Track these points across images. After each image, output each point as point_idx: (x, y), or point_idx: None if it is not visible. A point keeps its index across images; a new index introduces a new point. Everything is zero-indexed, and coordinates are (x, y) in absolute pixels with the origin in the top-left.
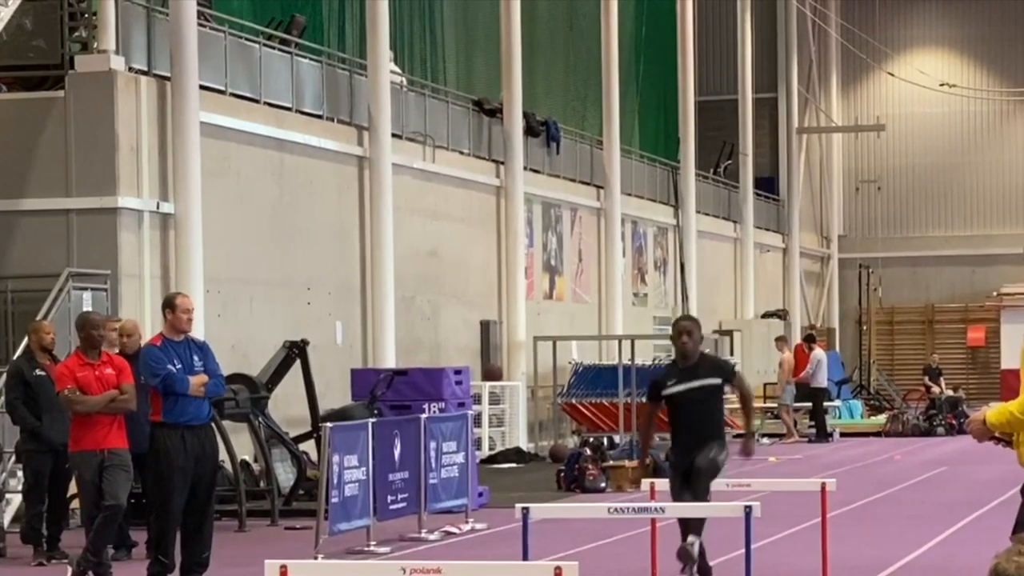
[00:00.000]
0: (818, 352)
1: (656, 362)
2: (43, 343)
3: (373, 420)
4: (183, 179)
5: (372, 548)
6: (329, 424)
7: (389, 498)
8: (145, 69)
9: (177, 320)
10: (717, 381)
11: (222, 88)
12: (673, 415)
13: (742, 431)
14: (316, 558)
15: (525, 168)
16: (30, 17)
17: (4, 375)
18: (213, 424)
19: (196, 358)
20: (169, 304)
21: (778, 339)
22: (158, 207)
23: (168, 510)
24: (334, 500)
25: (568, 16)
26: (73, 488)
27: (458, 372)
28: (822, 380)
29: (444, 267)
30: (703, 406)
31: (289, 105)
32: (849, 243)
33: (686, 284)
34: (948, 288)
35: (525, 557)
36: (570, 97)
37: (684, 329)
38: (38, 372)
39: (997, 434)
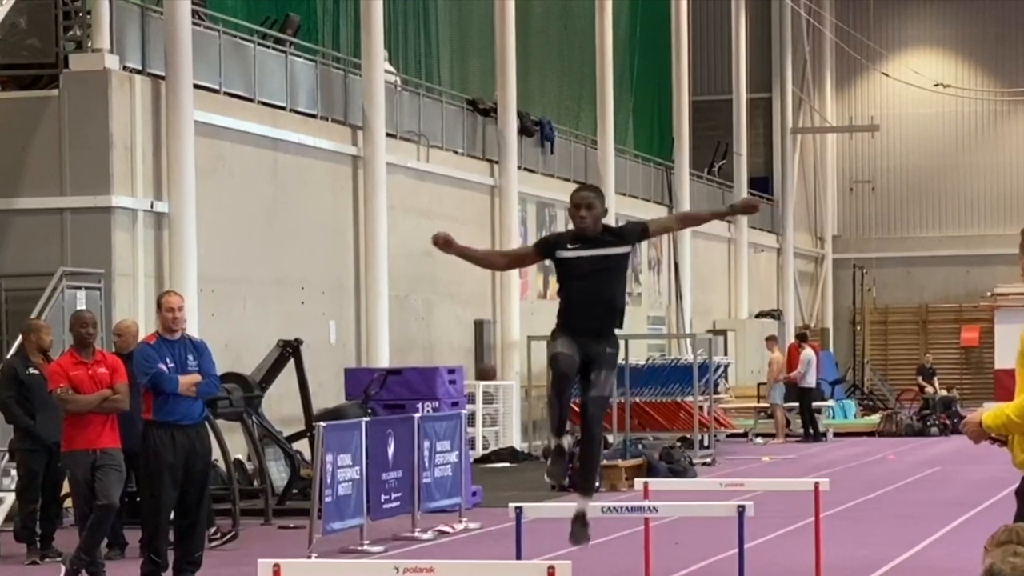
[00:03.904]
0: (808, 352)
1: (650, 361)
2: (42, 344)
3: (367, 419)
4: (177, 178)
5: (366, 547)
6: (323, 423)
7: (383, 497)
8: (139, 68)
9: (163, 318)
10: (625, 249)
11: (216, 87)
12: (564, 289)
13: (736, 431)
14: (310, 557)
15: (519, 168)
16: (24, 16)
17: None
18: (207, 423)
19: (191, 357)
20: (157, 303)
21: (768, 338)
22: (152, 206)
23: (158, 508)
24: (327, 499)
25: (563, 16)
26: (66, 487)
27: (452, 371)
28: (811, 380)
29: (438, 266)
30: (602, 281)
31: (283, 104)
32: (843, 243)
33: (680, 284)
34: (942, 288)
35: (518, 556)
36: (564, 97)
37: (584, 201)
38: (31, 371)
39: (993, 434)
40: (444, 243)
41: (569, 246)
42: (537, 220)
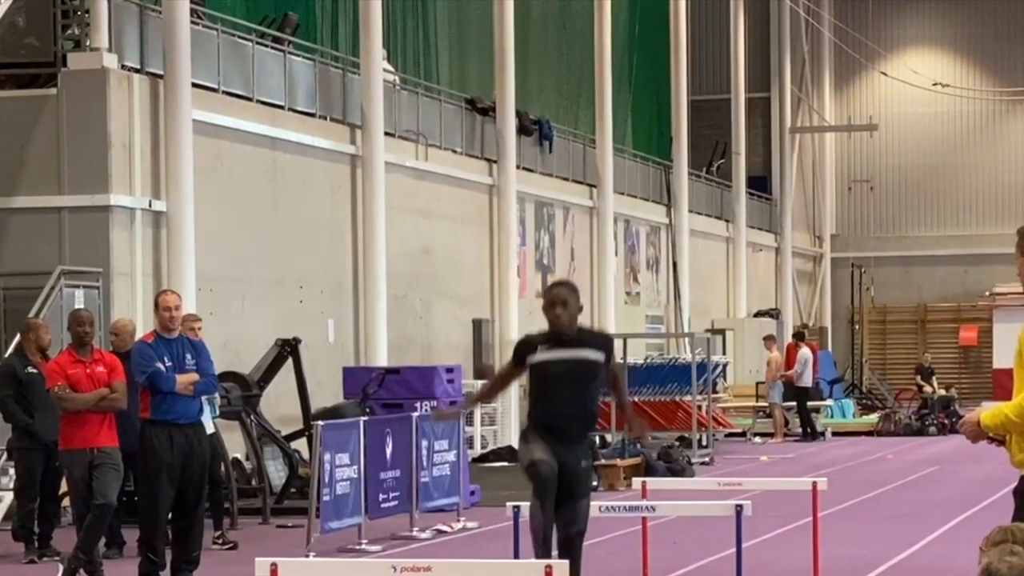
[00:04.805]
0: (804, 351)
1: (648, 360)
2: (42, 343)
3: (365, 418)
4: (175, 177)
5: (363, 546)
6: (321, 422)
7: (381, 496)
8: (138, 67)
9: (161, 318)
10: (599, 356)
11: (215, 86)
12: (537, 391)
13: (734, 430)
14: (307, 556)
15: (518, 167)
16: (23, 15)
17: None
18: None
19: (189, 356)
20: (154, 302)
21: (766, 338)
22: (150, 205)
23: (156, 507)
24: (326, 498)
25: (561, 15)
26: (64, 486)
27: (450, 371)
28: (807, 379)
29: (436, 265)
30: (577, 384)
31: (282, 103)
32: (842, 242)
33: (678, 283)
34: (940, 287)
35: (516, 555)
36: (563, 96)
37: (558, 299)
38: (30, 370)
39: (991, 434)
40: (449, 416)
41: (540, 347)
42: (536, 219)
